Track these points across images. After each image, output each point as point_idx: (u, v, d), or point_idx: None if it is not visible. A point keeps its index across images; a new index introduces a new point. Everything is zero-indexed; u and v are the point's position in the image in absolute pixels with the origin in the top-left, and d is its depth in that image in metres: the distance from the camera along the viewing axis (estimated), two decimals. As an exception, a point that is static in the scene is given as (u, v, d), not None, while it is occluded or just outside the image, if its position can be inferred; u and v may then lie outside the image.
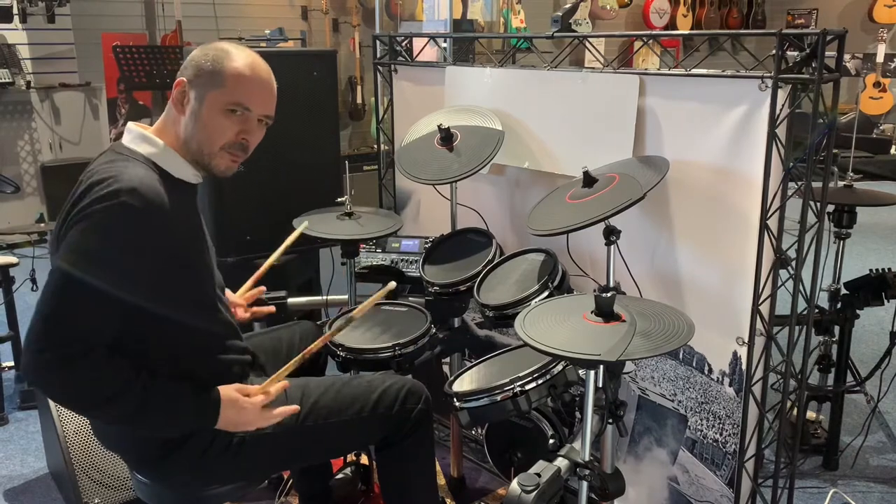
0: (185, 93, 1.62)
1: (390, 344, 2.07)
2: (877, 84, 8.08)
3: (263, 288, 2.11)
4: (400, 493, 1.95)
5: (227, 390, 1.62)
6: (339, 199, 2.49)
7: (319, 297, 2.74)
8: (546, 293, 2.02)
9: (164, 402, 1.54)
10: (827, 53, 1.79)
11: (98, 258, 1.45)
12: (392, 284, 1.79)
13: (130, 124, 1.65)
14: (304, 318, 2.25)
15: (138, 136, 1.62)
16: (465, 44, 4.89)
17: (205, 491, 1.71)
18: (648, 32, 2.25)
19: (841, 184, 2.82)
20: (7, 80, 5.36)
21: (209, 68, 1.61)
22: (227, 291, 1.95)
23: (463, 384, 1.92)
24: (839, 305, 2.72)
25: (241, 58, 1.63)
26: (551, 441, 1.87)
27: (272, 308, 2.10)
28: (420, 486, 1.96)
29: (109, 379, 1.48)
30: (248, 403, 1.62)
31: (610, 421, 1.68)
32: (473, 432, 2.74)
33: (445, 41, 3.22)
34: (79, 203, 1.47)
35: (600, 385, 1.64)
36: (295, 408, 1.69)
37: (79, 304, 1.45)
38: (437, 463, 2.15)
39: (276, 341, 2.05)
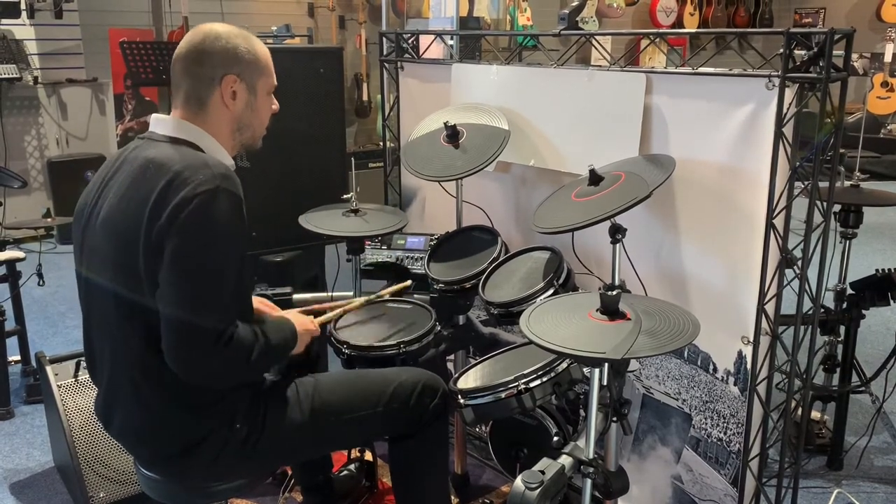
0: (235, 89, 1.61)
1: (395, 342, 2.07)
2: (884, 84, 8.04)
3: None
4: (412, 485, 1.94)
5: (295, 320, 1.80)
6: (345, 196, 2.49)
7: (324, 294, 2.74)
8: (551, 291, 2.02)
9: (279, 342, 1.65)
10: (834, 53, 1.79)
11: (218, 241, 1.50)
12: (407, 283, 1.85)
13: (163, 116, 1.63)
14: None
15: (180, 127, 1.60)
16: (471, 41, 4.87)
17: (215, 487, 1.71)
18: (655, 31, 2.25)
19: (847, 183, 2.81)
20: (14, 76, 5.38)
21: (251, 58, 1.62)
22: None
23: (467, 381, 1.92)
24: (845, 305, 2.71)
25: (257, 40, 1.65)
26: (555, 439, 1.87)
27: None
28: (433, 479, 1.97)
29: (250, 340, 1.54)
30: (304, 330, 1.81)
31: (614, 419, 1.68)
32: (477, 429, 2.75)
33: (452, 38, 3.22)
34: (171, 193, 1.46)
35: (605, 383, 1.64)
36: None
37: (222, 284, 1.49)
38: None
39: None
